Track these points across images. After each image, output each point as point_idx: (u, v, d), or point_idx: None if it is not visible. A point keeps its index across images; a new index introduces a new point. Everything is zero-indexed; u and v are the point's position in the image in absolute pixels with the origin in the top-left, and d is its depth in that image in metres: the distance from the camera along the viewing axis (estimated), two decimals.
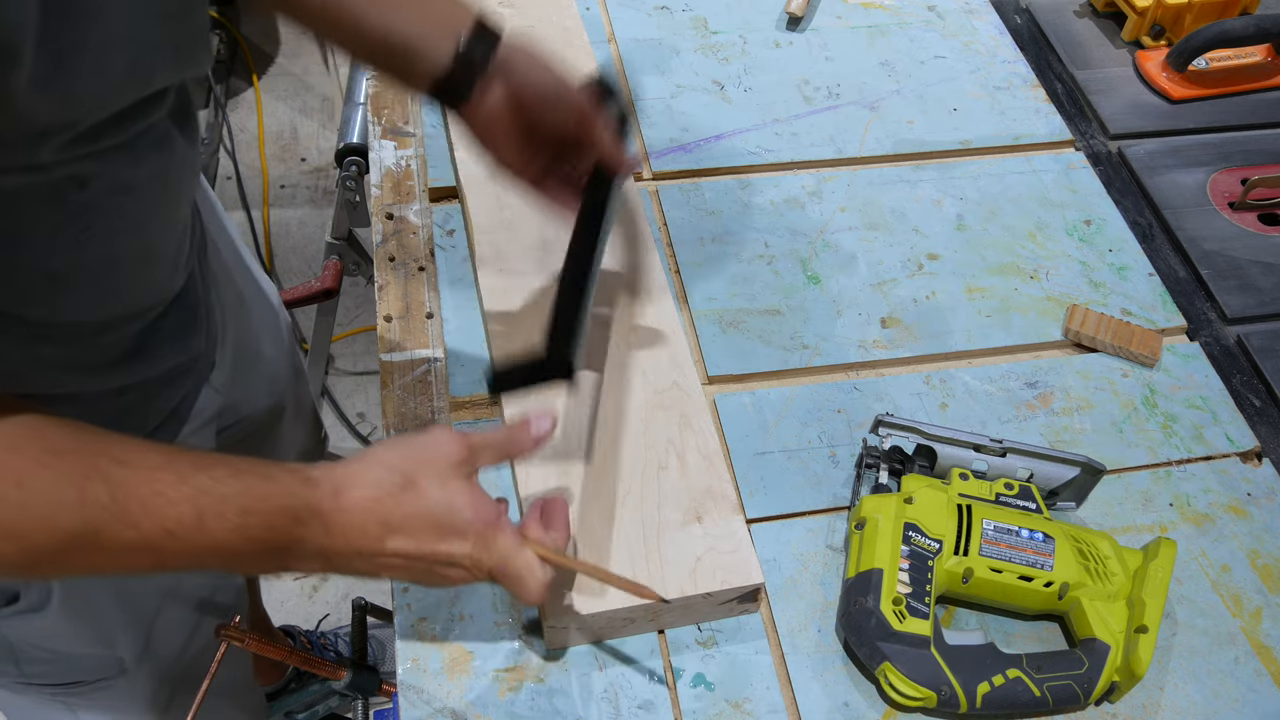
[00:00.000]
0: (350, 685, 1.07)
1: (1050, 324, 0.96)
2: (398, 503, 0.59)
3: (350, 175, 1.36)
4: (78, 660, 0.84)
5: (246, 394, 1.00)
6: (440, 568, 0.61)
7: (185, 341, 0.75)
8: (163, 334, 0.72)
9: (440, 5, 0.71)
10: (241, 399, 0.99)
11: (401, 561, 0.60)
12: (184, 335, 0.75)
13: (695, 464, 0.78)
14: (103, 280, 0.63)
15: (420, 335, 0.89)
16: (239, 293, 0.96)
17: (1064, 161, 1.10)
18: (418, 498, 0.60)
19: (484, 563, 0.61)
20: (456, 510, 0.60)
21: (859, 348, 0.92)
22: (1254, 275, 1.01)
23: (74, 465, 0.51)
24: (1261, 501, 0.85)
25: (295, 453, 1.21)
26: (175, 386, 0.77)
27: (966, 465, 0.80)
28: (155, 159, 0.60)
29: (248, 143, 2.38)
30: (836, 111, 1.12)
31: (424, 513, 0.60)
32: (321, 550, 0.58)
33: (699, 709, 0.71)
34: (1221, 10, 1.22)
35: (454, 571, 0.62)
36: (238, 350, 0.94)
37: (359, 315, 2.11)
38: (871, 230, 1.01)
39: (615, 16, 1.19)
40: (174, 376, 0.76)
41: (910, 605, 0.72)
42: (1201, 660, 0.76)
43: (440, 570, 0.62)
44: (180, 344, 0.75)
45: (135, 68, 0.53)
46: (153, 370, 0.72)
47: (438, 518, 0.60)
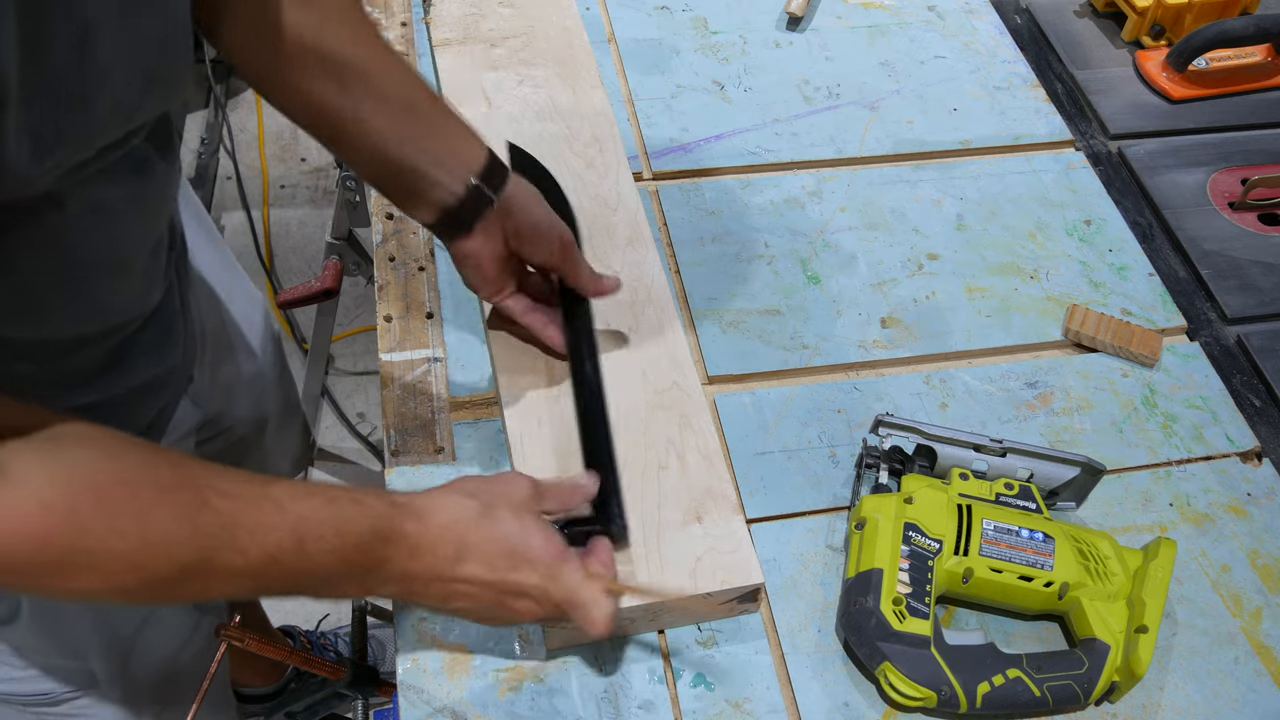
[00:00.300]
0: (350, 685, 1.07)
1: (1050, 324, 0.96)
2: (475, 527, 0.62)
3: (350, 175, 1.36)
4: (48, 673, 0.84)
5: (229, 406, 1.00)
6: (510, 599, 0.63)
7: (162, 354, 0.75)
8: (139, 347, 0.72)
9: (456, 140, 0.73)
10: (223, 411, 0.99)
11: (474, 589, 0.62)
12: (161, 348, 0.75)
13: (695, 464, 0.78)
14: (78, 298, 0.63)
15: (420, 335, 0.89)
16: (221, 305, 0.96)
17: (1064, 161, 1.10)
18: (494, 525, 0.62)
19: (552, 594, 0.63)
20: (529, 542, 0.63)
21: (859, 348, 0.92)
22: (1254, 275, 1.01)
23: (186, 498, 0.53)
24: (1261, 501, 0.85)
25: (284, 462, 1.21)
26: (152, 399, 0.77)
27: (966, 465, 0.80)
28: (133, 181, 0.61)
29: (248, 143, 2.38)
30: (836, 111, 1.12)
31: (499, 539, 0.62)
32: (404, 573, 0.61)
33: (699, 709, 0.71)
34: (1221, 10, 1.22)
35: (523, 604, 0.64)
36: (218, 362, 0.94)
37: (359, 315, 2.11)
38: (871, 230, 1.01)
39: (615, 16, 1.19)
40: (150, 389, 0.76)
41: (910, 605, 0.72)
42: (1201, 660, 0.76)
43: (510, 602, 0.64)
44: (157, 356, 0.75)
45: (120, 106, 0.53)
46: (129, 383, 0.72)
47: (512, 546, 0.63)
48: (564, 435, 0.79)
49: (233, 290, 1.00)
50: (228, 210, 2.26)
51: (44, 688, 0.84)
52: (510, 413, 0.81)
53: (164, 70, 0.56)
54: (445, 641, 0.73)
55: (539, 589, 0.63)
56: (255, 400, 1.06)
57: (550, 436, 0.79)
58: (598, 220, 0.93)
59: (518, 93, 1.04)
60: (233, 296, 0.99)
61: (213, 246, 0.97)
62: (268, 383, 1.08)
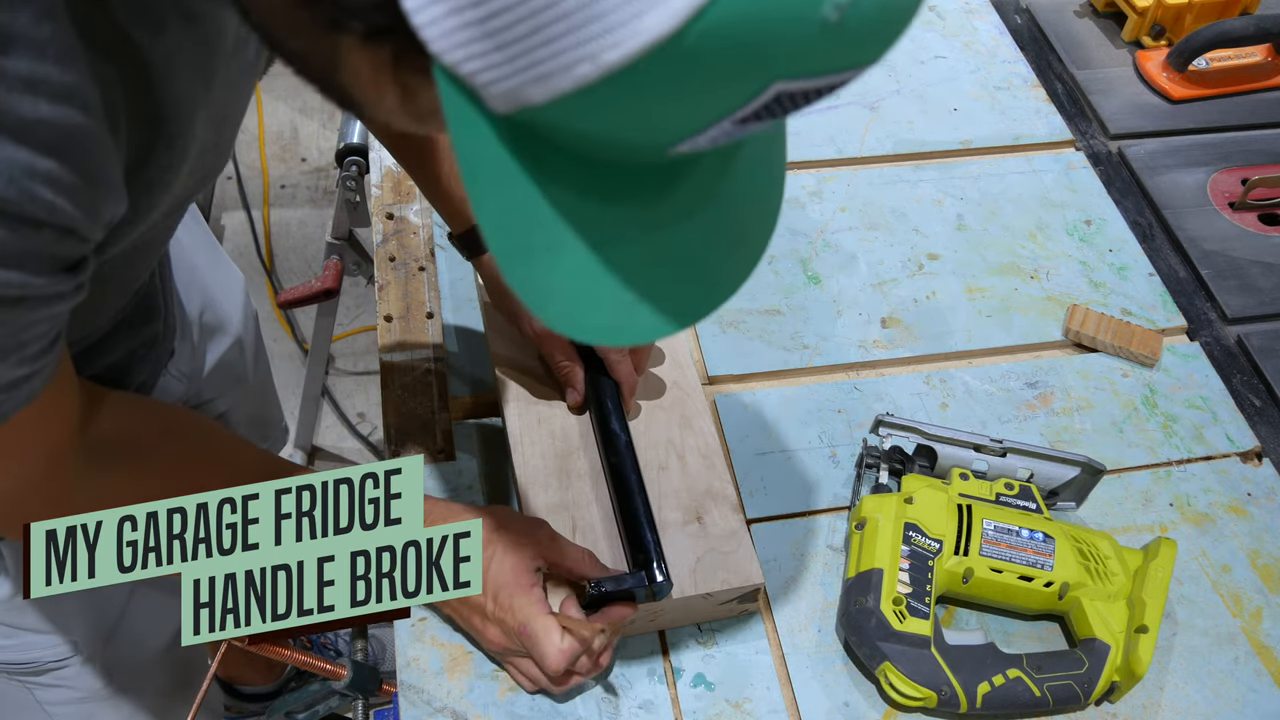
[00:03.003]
0: (350, 685, 1.06)
1: (1050, 324, 0.96)
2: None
3: (351, 175, 1.35)
4: (31, 640, 0.84)
5: (208, 381, 1.00)
6: (477, 619, 0.69)
7: (144, 327, 0.76)
8: (120, 325, 0.73)
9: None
10: (204, 389, 1.00)
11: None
12: (143, 322, 0.76)
13: (695, 464, 0.78)
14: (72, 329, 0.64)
15: (420, 335, 0.89)
16: (201, 281, 0.97)
17: (1064, 161, 1.10)
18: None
19: (508, 622, 0.66)
20: (488, 568, 0.67)
21: (859, 348, 0.92)
22: (1254, 275, 1.01)
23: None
24: (1261, 501, 0.85)
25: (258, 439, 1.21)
26: (132, 372, 0.78)
27: (967, 465, 0.80)
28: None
29: (248, 143, 2.38)
30: (836, 111, 1.12)
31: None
32: None
33: (699, 709, 0.71)
34: (1221, 10, 1.21)
35: (491, 630, 0.68)
36: (199, 337, 0.95)
37: (359, 315, 2.11)
38: (871, 230, 1.01)
39: None
40: (129, 363, 0.77)
41: (910, 605, 0.72)
42: (1201, 660, 0.76)
43: (476, 623, 0.69)
44: (136, 331, 0.76)
45: (194, 182, 0.58)
46: (106, 360, 0.73)
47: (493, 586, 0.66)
48: (564, 435, 0.79)
49: (214, 268, 1.01)
50: (228, 210, 2.26)
51: (29, 656, 0.85)
52: (510, 413, 0.81)
53: (223, 141, 0.61)
54: (445, 642, 0.73)
55: (494, 614, 0.67)
56: (235, 379, 1.07)
57: (550, 436, 0.79)
58: None
59: None
60: (214, 275, 1.00)
61: (195, 225, 0.98)
62: (248, 361, 1.09)
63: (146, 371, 0.80)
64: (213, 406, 1.04)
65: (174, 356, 0.86)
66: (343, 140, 1.31)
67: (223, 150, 0.61)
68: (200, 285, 0.96)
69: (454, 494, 0.80)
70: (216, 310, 1.00)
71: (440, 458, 0.82)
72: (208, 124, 0.55)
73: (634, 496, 0.74)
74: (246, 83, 0.60)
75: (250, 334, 1.09)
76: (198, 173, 0.57)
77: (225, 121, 0.59)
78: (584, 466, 0.78)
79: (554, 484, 0.76)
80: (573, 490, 0.76)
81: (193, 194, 0.62)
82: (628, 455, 0.76)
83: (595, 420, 0.79)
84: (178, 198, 0.58)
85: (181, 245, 0.92)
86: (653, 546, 0.71)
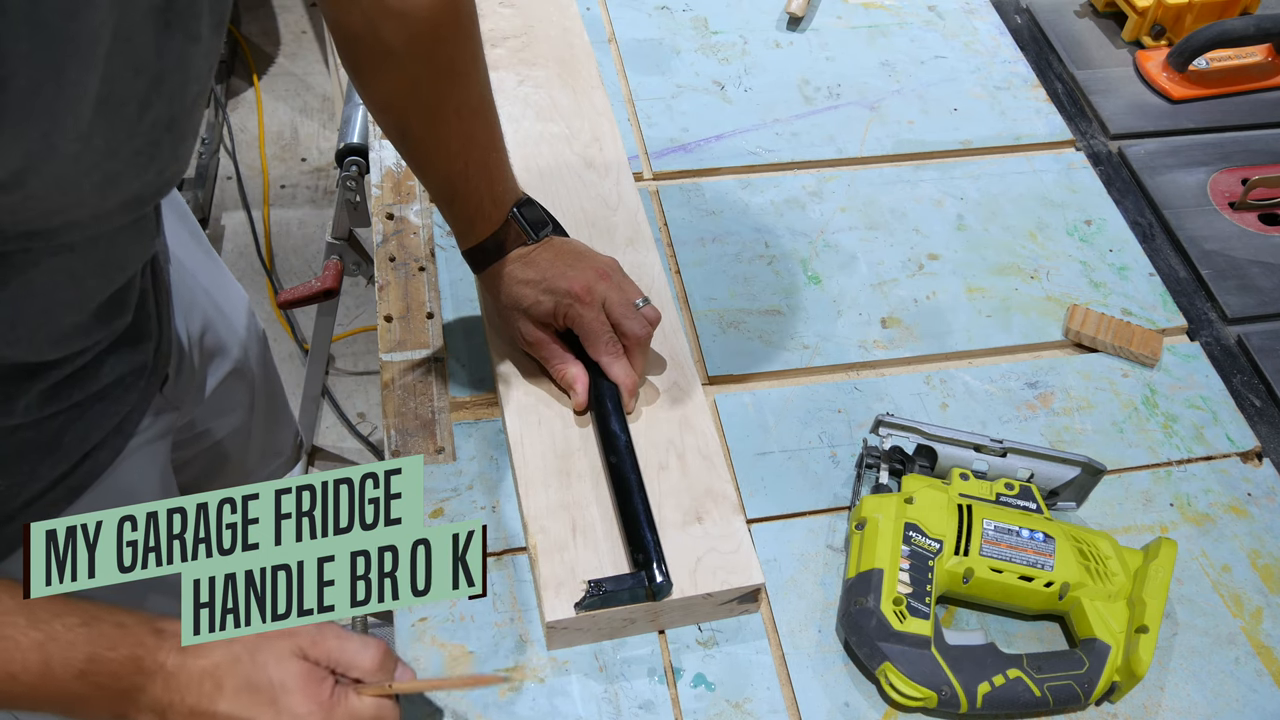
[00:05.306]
0: None
1: (1050, 324, 0.96)
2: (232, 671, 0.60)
3: (351, 175, 1.35)
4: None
5: (209, 409, 0.99)
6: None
7: (133, 354, 0.75)
8: (109, 352, 0.71)
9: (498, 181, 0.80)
10: (203, 414, 0.98)
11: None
12: (132, 348, 0.74)
13: (695, 464, 0.78)
14: (44, 327, 0.63)
15: (420, 335, 0.89)
16: (203, 306, 0.94)
17: (1064, 161, 1.10)
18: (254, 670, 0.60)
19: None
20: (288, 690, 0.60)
21: (859, 348, 0.92)
22: (1254, 275, 1.01)
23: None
24: (1262, 501, 0.85)
25: (269, 466, 1.20)
26: (117, 403, 0.76)
27: (967, 465, 0.80)
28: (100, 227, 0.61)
29: (248, 143, 2.38)
30: (837, 111, 1.12)
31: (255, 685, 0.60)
32: (158, 704, 0.59)
33: (699, 709, 0.71)
34: (1222, 10, 1.22)
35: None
36: (197, 364, 0.92)
37: (359, 315, 2.11)
38: (872, 230, 1.01)
39: (615, 16, 1.19)
40: (118, 391, 0.75)
41: (910, 605, 0.72)
42: (1202, 660, 0.76)
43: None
44: (126, 357, 0.74)
45: (107, 182, 0.55)
46: (91, 387, 0.71)
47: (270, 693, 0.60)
48: (564, 435, 0.79)
49: (216, 290, 0.98)
50: (228, 210, 2.26)
51: None
52: (510, 413, 0.81)
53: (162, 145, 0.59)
54: (445, 642, 0.73)
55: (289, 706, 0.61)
56: (237, 404, 1.04)
57: (550, 436, 0.79)
58: (598, 221, 0.93)
59: (518, 93, 1.04)
60: (215, 297, 0.98)
61: (196, 245, 0.96)
62: (252, 385, 1.06)
63: (133, 400, 0.77)
64: (208, 436, 1.02)
65: (168, 382, 0.83)
66: (343, 140, 1.31)
67: (155, 110, 0.56)
68: (201, 306, 0.94)
69: (454, 494, 0.80)
70: (217, 332, 0.97)
71: (440, 458, 0.82)
72: (89, 71, 0.49)
73: (634, 497, 0.74)
74: (168, 39, 0.54)
75: (255, 355, 1.06)
76: (119, 135, 0.54)
77: (138, 75, 0.53)
78: (584, 467, 0.78)
79: (554, 484, 0.77)
80: (573, 490, 0.76)
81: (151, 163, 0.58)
82: (627, 455, 0.76)
83: (595, 421, 0.79)
84: (100, 165, 0.54)
85: (181, 265, 0.89)
86: (652, 547, 0.71)
